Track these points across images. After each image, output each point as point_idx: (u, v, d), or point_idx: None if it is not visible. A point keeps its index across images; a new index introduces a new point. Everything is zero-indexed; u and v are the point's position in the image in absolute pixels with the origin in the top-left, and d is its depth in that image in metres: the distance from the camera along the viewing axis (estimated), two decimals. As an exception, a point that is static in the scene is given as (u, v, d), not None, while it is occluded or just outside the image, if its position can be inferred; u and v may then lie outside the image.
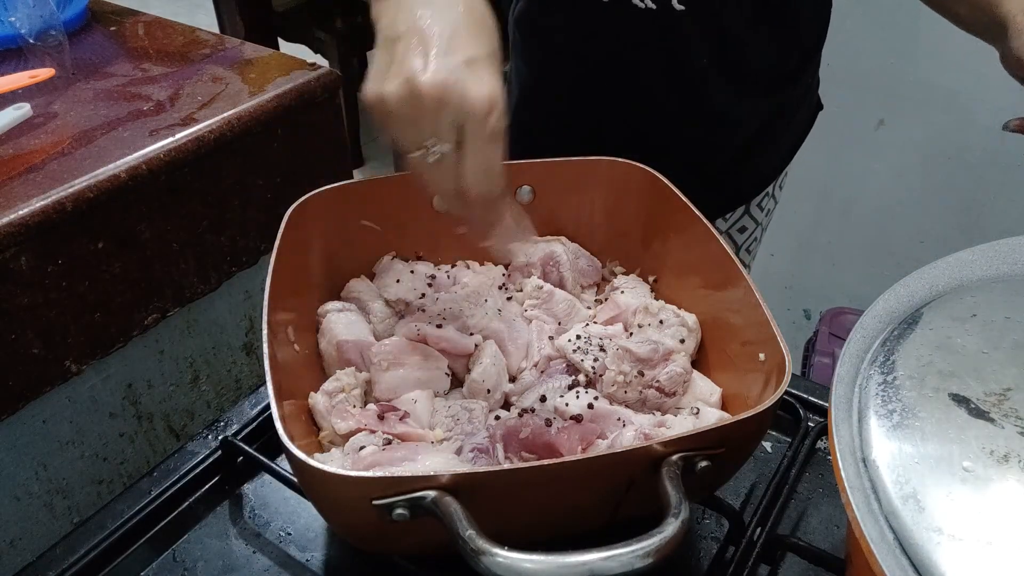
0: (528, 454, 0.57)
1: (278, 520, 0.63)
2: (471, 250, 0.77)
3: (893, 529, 0.39)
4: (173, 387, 0.96)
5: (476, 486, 0.46)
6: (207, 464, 0.66)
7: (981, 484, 0.39)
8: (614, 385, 0.62)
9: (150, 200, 0.84)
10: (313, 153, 1.01)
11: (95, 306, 0.83)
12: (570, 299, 0.72)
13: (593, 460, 0.49)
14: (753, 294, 0.58)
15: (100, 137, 0.86)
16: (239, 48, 1.06)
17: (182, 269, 0.90)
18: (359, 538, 0.55)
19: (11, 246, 0.74)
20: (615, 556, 0.40)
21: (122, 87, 0.97)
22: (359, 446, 0.56)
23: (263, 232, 0.98)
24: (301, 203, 0.67)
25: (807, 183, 1.51)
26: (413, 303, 0.70)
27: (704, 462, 0.49)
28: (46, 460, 0.85)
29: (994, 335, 0.47)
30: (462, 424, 0.60)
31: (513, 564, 0.40)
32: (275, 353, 0.55)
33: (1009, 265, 0.54)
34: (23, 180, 0.78)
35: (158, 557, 0.61)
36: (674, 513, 0.43)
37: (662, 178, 0.71)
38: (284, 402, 0.53)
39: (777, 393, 0.50)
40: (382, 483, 0.45)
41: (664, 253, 0.73)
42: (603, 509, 0.53)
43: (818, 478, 0.66)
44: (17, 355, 0.77)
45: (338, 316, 0.67)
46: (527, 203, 0.76)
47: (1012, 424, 0.42)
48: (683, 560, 0.60)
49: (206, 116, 0.89)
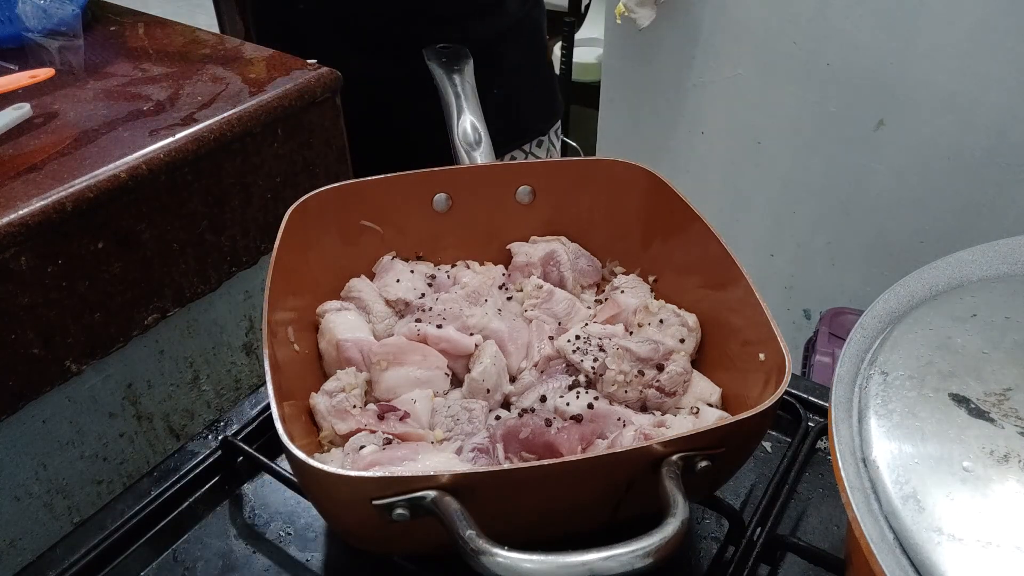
0: (528, 454, 0.57)
1: (278, 520, 0.63)
2: (471, 250, 0.77)
3: (893, 529, 0.39)
4: (173, 387, 0.96)
5: (476, 486, 0.46)
6: (207, 464, 0.66)
7: (981, 484, 0.39)
8: (614, 384, 0.62)
9: (150, 200, 0.84)
10: (313, 153, 1.01)
11: (95, 306, 0.83)
12: (570, 298, 0.72)
13: (593, 460, 0.49)
14: (753, 294, 0.58)
15: (100, 137, 0.86)
16: (239, 48, 1.06)
17: (182, 269, 0.90)
18: (359, 538, 0.55)
19: (11, 246, 0.74)
20: (615, 556, 0.40)
21: (122, 87, 0.96)
22: (359, 446, 0.56)
23: (263, 232, 0.98)
24: (301, 203, 0.67)
25: (807, 183, 1.51)
26: (413, 303, 0.70)
27: (704, 462, 0.49)
28: (46, 460, 0.85)
29: (994, 335, 0.47)
30: (462, 424, 0.60)
31: (513, 564, 0.40)
32: (275, 353, 0.55)
33: (1009, 265, 0.54)
34: (23, 180, 0.78)
35: (158, 557, 0.61)
36: (674, 513, 0.43)
37: (662, 178, 0.71)
38: (284, 402, 0.53)
39: (777, 393, 0.50)
40: (382, 483, 0.45)
41: (664, 253, 0.73)
42: (603, 509, 0.53)
43: (818, 478, 0.66)
44: (17, 355, 0.77)
45: (337, 316, 0.67)
46: (527, 203, 0.76)
47: (1012, 424, 0.42)
48: (683, 560, 0.60)
49: (206, 116, 0.89)
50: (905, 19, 1.27)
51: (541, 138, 1.23)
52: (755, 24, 1.42)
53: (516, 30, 1.14)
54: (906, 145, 1.37)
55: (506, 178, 0.75)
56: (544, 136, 1.23)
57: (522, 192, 0.75)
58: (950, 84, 1.28)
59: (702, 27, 1.48)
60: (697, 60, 1.52)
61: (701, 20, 1.48)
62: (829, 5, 1.33)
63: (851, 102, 1.39)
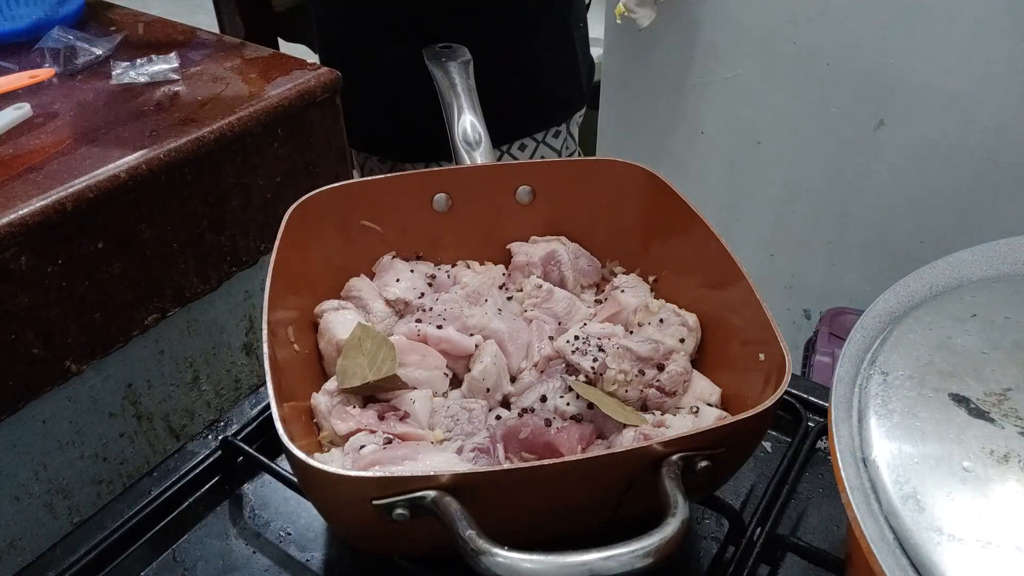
0: (528, 454, 0.57)
1: (278, 520, 0.63)
2: (471, 250, 0.77)
3: (893, 529, 0.39)
4: (173, 387, 0.96)
5: (475, 486, 0.46)
6: (207, 464, 0.66)
7: (981, 484, 0.39)
8: (615, 384, 0.62)
9: (150, 200, 0.84)
10: (313, 153, 1.01)
11: (95, 306, 0.83)
12: (570, 297, 0.72)
13: (593, 460, 0.49)
14: (753, 294, 0.58)
15: (100, 137, 0.86)
16: (239, 48, 1.06)
17: (182, 269, 0.91)
18: (359, 538, 0.55)
19: (11, 246, 0.74)
20: (615, 556, 0.40)
21: (122, 87, 0.97)
22: (359, 445, 0.56)
23: (263, 232, 0.98)
24: (301, 203, 0.67)
25: (807, 183, 1.51)
26: (413, 303, 0.70)
27: (704, 462, 0.49)
28: (46, 460, 0.85)
29: (994, 335, 0.47)
30: (462, 424, 0.60)
31: (513, 564, 0.40)
32: (275, 353, 0.55)
33: (1009, 265, 0.54)
34: (23, 180, 0.78)
35: (158, 557, 0.61)
36: (674, 513, 0.43)
37: (662, 178, 0.71)
38: (284, 403, 0.53)
39: (777, 393, 0.50)
40: (382, 483, 0.45)
41: (664, 253, 0.73)
42: (603, 509, 0.53)
43: (818, 478, 0.66)
44: (17, 355, 0.77)
45: (335, 315, 0.67)
46: (527, 203, 0.76)
47: (1012, 424, 0.42)
48: (683, 560, 0.60)
49: (206, 116, 0.89)
50: (905, 19, 1.27)
51: (558, 128, 1.20)
52: (755, 24, 1.42)
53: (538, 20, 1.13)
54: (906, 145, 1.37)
55: (506, 178, 0.75)
56: (561, 127, 1.21)
57: (522, 192, 0.75)
58: (950, 84, 1.28)
59: (702, 27, 1.48)
60: (697, 60, 1.52)
61: (701, 20, 1.48)
62: (829, 5, 1.33)
63: (851, 102, 1.39)
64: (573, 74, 1.21)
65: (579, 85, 1.22)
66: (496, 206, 0.75)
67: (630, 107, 1.66)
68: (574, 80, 1.21)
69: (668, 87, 1.58)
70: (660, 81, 1.58)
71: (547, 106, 1.18)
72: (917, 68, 1.30)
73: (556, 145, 1.21)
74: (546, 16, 1.13)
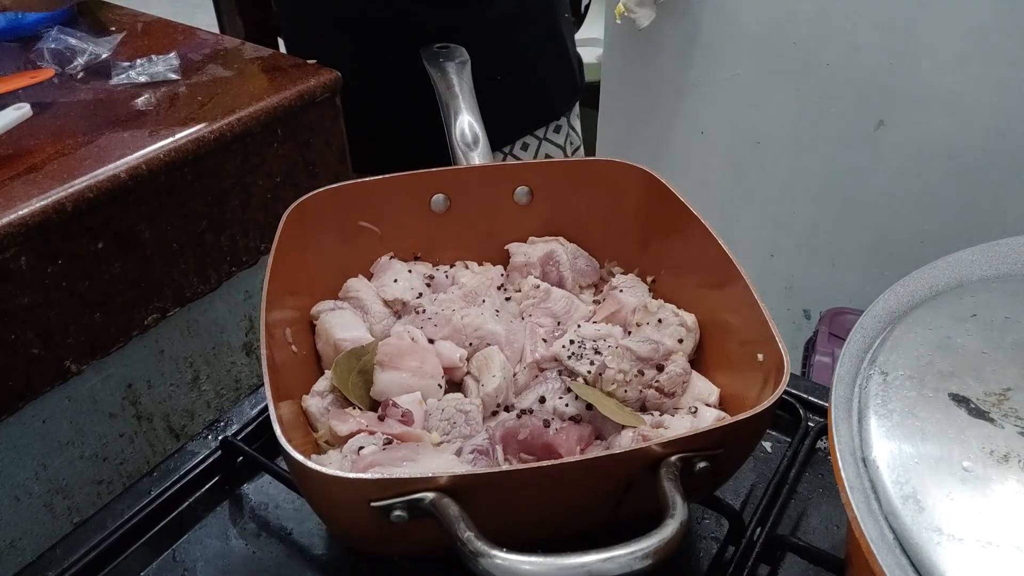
0: (527, 455, 0.57)
1: (278, 520, 0.63)
2: (469, 250, 0.77)
3: (893, 529, 0.39)
4: (173, 387, 0.96)
5: (474, 487, 0.46)
6: (207, 464, 0.66)
7: (981, 484, 0.39)
8: (614, 383, 0.62)
9: (150, 200, 0.84)
10: (313, 153, 1.01)
11: (95, 306, 0.83)
12: (568, 297, 0.72)
13: (592, 461, 0.49)
14: (751, 294, 0.58)
15: (100, 137, 0.86)
16: (239, 48, 1.06)
17: (182, 269, 0.90)
18: (357, 539, 0.55)
19: (11, 246, 0.74)
20: (614, 557, 0.40)
21: (122, 87, 0.97)
22: (358, 447, 0.56)
23: (263, 232, 0.98)
24: (300, 203, 0.67)
25: (807, 183, 1.51)
26: (411, 303, 0.69)
27: (703, 463, 0.49)
28: (46, 460, 0.85)
29: (994, 335, 0.47)
30: (459, 427, 0.59)
31: (511, 566, 0.40)
32: (273, 354, 0.55)
33: (1009, 265, 0.54)
34: (23, 180, 0.78)
35: (158, 557, 0.61)
36: (673, 514, 0.43)
37: (660, 178, 0.71)
38: (282, 403, 0.53)
39: (776, 393, 0.50)
40: (380, 485, 0.45)
41: (662, 253, 0.73)
42: (602, 510, 0.53)
43: (818, 478, 0.66)
44: (17, 355, 0.77)
45: (332, 315, 0.67)
46: (525, 204, 0.76)
47: (1012, 424, 0.42)
48: (683, 560, 0.60)
49: (206, 116, 0.89)
50: (905, 19, 1.27)
51: (558, 123, 1.19)
52: (755, 24, 1.42)
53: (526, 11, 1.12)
54: (906, 145, 1.37)
55: (504, 178, 0.75)
56: (560, 120, 1.19)
57: (520, 192, 0.75)
58: (950, 84, 1.28)
59: (702, 27, 1.48)
60: (697, 60, 1.52)
61: (701, 20, 1.48)
62: (829, 5, 1.33)
63: (851, 102, 1.39)
64: (566, 65, 1.20)
65: (572, 75, 1.21)
66: (494, 206, 0.75)
67: (630, 107, 1.66)
68: (567, 71, 1.20)
69: (668, 87, 1.58)
70: (660, 81, 1.58)
71: (544, 99, 1.17)
72: (917, 68, 1.30)
73: (559, 141, 1.19)
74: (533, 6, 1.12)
